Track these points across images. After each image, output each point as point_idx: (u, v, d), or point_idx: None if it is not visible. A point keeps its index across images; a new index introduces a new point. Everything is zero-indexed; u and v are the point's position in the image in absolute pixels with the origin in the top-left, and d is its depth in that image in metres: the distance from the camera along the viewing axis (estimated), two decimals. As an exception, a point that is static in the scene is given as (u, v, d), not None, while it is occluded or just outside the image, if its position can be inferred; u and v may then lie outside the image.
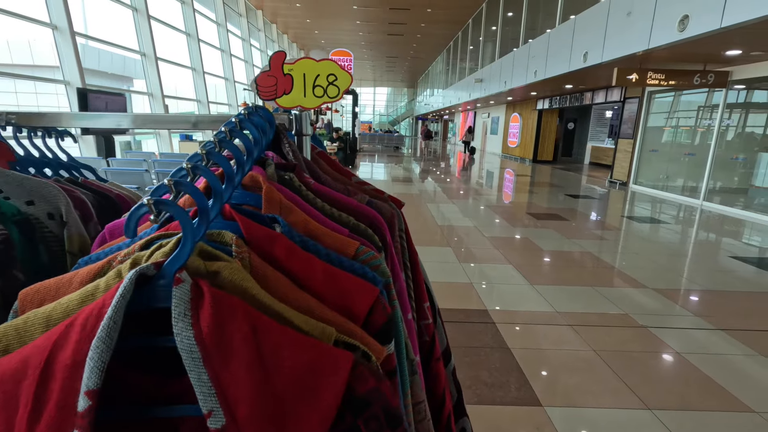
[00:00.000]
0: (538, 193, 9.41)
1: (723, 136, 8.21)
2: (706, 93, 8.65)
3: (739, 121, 8.20)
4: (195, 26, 12.83)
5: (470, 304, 3.30)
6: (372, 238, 0.52)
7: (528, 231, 5.79)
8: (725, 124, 8.20)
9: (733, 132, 8.24)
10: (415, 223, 6.09)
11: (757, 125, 8.04)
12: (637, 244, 5.42)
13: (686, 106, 9.40)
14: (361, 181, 0.78)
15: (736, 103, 8.15)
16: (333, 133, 12.88)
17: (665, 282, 3.96)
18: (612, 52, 7.64)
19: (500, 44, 15.52)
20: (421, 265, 0.84)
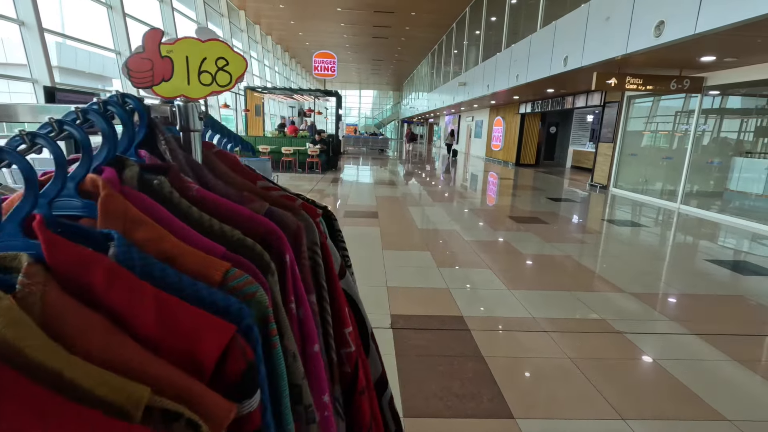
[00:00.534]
0: (520, 197, 9.43)
1: (699, 141, 8.36)
2: (683, 98, 8.81)
3: (714, 126, 8.37)
4: (174, 25, 12.56)
5: (446, 310, 3.22)
6: (260, 256, 0.43)
7: (508, 234, 5.75)
8: (701, 129, 8.35)
9: (708, 137, 8.39)
10: (396, 226, 6.00)
11: (732, 130, 8.22)
12: (615, 247, 5.43)
13: (664, 110, 9.56)
14: (271, 186, 0.68)
15: (711, 108, 8.31)
16: (315, 136, 12.73)
17: (642, 286, 3.95)
18: (591, 56, 7.71)
19: (483, 48, 15.62)
20: (350, 283, 0.74)
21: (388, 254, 4.57)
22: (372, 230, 5.64)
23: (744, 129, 8.01)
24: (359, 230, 5.70)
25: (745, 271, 4.57)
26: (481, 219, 6.76)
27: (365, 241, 5.10)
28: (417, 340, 2.73)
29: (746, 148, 7.78)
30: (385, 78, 43.34)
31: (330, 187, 9.67)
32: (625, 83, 7.94)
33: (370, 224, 6.03)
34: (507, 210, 7.74)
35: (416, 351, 2.60)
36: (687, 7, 5.27)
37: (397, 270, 4.09)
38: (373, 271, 4.00)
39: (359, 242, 5.09)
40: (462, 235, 5.58)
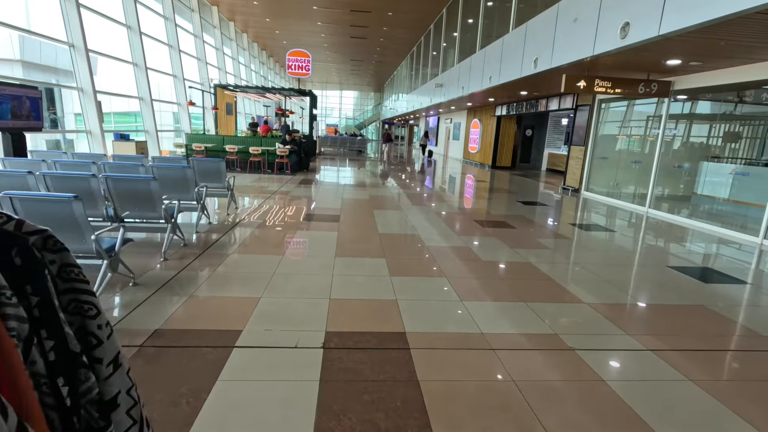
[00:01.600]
0: (492, 200, 9.29)
1: (668, 145, 8.36)
2: (652, 103, 8.81)
3: (682, 131, 8.38)
4: (137, 18, 12.00)
5: (389, 325, 2.96)
6: None
7: (472, 240, 5.54)
8: (669, 134, 8.35)
9: (676, 141, 8.40)
10: (355, 231, 5.72)
11: (699, 135, 8.24)
12: (580, 254, 5.28)
13: (634, 115, 9.57)
14: None
15: (678, 113, 8.32)
16: (286, 136, 12.36)
17: (601, 296, 3.77)
18: (560, 58, 7.60)
19: (459, 50, 15.52)
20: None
21: (340, 262, 4.29)
22: (329, 236, 5.35)
23: (710, 134, 8.04)
24: (316, 236, 5.40)
25: (708, 278, 4.46)
26: (447, 223, 6.55)
27: (319, 248, 4.80)
28: (348, 362, 2.46)
29: (713, 153, 7.80)
30: (366, 79, 43.07)
31: (296, 188, 9.33)
32: (593, 86, 7.87)
33: (329, 229, 5.73)
34: (476, 214, 7.55)
35: (344, 375, 2.32)
36: (651, 8, 5.17)
37: (346, 280, 3.81)
38: (319, 283, 3.71)
39: (312, 249, 4.79)
40: (423, 241, 5.34)
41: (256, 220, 6.07)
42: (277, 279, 3.73)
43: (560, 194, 10.95)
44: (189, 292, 3.33)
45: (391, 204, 7.99)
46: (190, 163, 6.06)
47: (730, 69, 6.84)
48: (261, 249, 4.70)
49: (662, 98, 8.24)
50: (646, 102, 9.05)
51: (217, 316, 2.95)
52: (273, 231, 5.53)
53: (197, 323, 2.84)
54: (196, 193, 5.09)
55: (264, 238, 5.15)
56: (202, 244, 4.68)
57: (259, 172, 11.80)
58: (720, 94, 7.48)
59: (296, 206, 7.26)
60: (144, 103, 12.56)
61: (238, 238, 5.01)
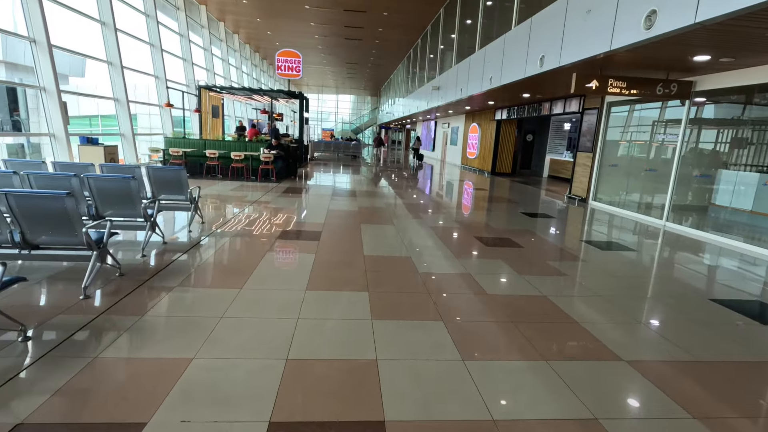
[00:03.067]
0: (493, 211, 8.45)
1: (687, 152, 7.57)
2: (668, 105, 8.03)
3: (704, 136, 7.59)
4: (111, 14, 11.17)
5: (362, 409, 2.10)
6: None
7: (473, 264, 4.70)
8: (690, 139, 7.56)
9: (698, 147, 7.61)
10: (336, 252, 4.87)
11: (724, 141, 7.45)
12: (601, 283, 4.44)
13: (647, 118, 8.78)
14: None
15: (700, 116, 7.54)
16: (273, 140, 11.52)
17: (642, 348, 2.94)
18: (570, 55, 6.81)
19: (457, 50, 14.76)
20: None
21: (312, 298, 3.44)
22: (304, 260, 4.50)
23: (738, 139, 7.25)
24: (289, 259, 4.55)
25: (762, 317, 3.63)
26: (444, 241, 5.71)
27: (288, 278, 3.95)
28: (292, 490, 1.60)
29: (740, 161, 7.01)
30: (362, 83, 42.40)
31: (278, 198, 8.46)
32: (607, 86, 7.08)
33: (306, 249, 4.88)
34: (476, 228, 6.71)
35: None
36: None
37: (313, 327, 2.96)
38: (277, 332, 2.86)
39: (280, 279, 3.93)
40: (416, 265, 4.49)
41: (221, 238, 5.21)
42: (224, 327, 2.87)
43: (566, 204, 10.14)
44: (93, 353, 2.47)
45: (381, 217, 7.15)
46: (148, 171, 5.22)
47: (761, 67, 6.07)
48: (216, 280, 3.83)
49: (682, 100, 7.46)
50: (661, 105, 8.28)
51: (119, 398, 2.09)
52: (237, 253, 4.68)
53: (83, 412, 1.98)
54: (143, 208, 4.23)
55: (223, 265, 4.29)
56: (142, 273, 3.81)
57: (242, 179, 10.94)
58: (750, 95, 6.69)
59: (273, 220, 6.40)
60: (119, 104, 11.70)
61: (190, 265, 4.14)
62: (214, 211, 7.03)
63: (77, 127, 19.09)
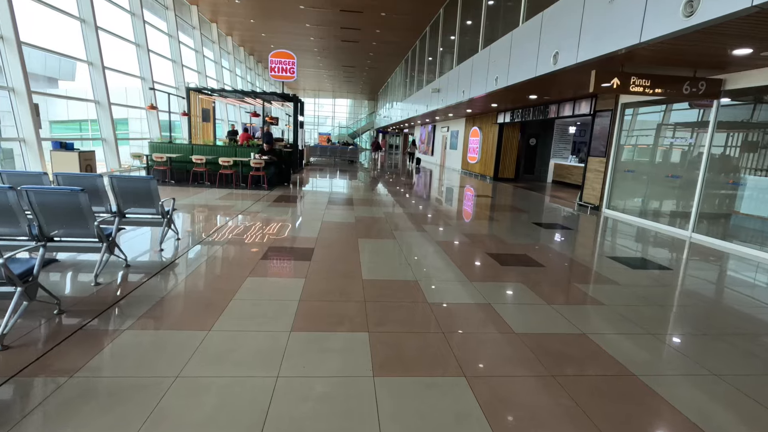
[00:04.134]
0: (502, 221, 7.77)
1: (715, 156, 6.92)
2: (692, 105, 7.40)
3: (735, 139, 6.94)
4: (92, 10, 10.48)
5: None
6: None
7: (490, 290, 4.00)
8: (718, 142, 6.91)
9: (728, 151, 6.95)
10: (330, 277, 4.15)
11: (760, 143, 6.79)
12: (647, 315, 3.74)
13: (669, 119, 8.14)
14: None
15: (731, 116, 6.90)
16: (264, 145, 10.81)
17: (736, 425, 2.24)
18: (589, 50, 6.16)
19: (458, 51, 14.14)
20: None
21: (298, 343, 2.73)
22: (291, 288, 3.78)
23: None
24: (272, 288, 3.83)
25: None
26: (453, 259, 5.01)
27: (270, 314, 3.23)
28: None
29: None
30: (359, 86, 41.84)
31: (268, 208, 7.75)
32: (629, 85, 6.43)
33: (294, 273, 4.17)
34: (487, 242, 6.02)
35: None
36: (740, -31, 3.72)
37: (298, 391, 2.24)
38: (249, 400, 2.14)
39: (259, 316, 3.20)
40: (424, 292, 3.78)
41: (194, 259, 4.49)
42: (177, 394, 2.16)
43: (577, 211, 9.48)
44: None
45: (381, 230, 6.45)
46: (112, 182, 4.50)
47: (806, 62, 5.44)
48: (180, 317, 3.11)
49: (710, 99, 6.83)
50: (683, 105, 7.65)
51: None
52: (212, 279, 3.96)
53: None
54: (96, 227, 3.52)
55: (193, 295, 3.57)
56: (88, 310, 3.09)
57: (231, 186, 10.22)
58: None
59: (259, 235, 5.69)
60: (100, 107, 10.98)
61: (152, 296, 3.42)
62: (192, 224, 6.30)
63: (68, 132, 18.07)
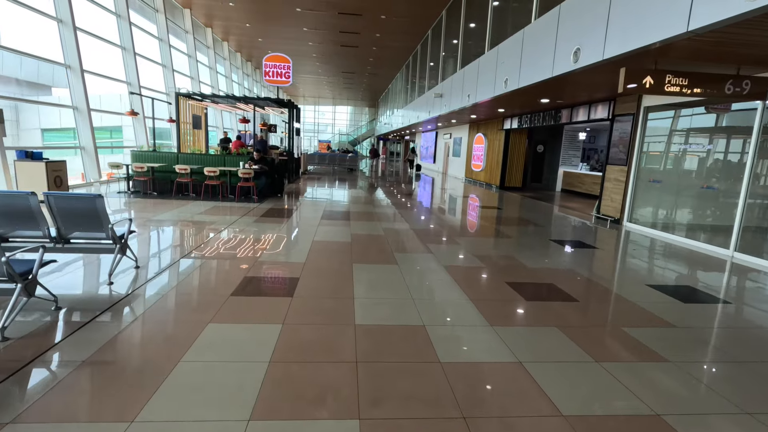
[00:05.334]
0: (515, 238, 6.91)
1: (761, 165, 6.09)
2: (706, 110, 6.58)
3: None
4: (70, 11, 9.75)
5: None
6: None
7: (517, 338, 3.14)
8: (765, 148, 6.08)
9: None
10: (315, 323, 3.28)
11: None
12: (725, 375, 2.88)
13: (699, 124, 7.32)
14: None
15: None
16: (254, 153, 10.01)
17: None
18: (619, 44, 5.36)
19: (462, 55, 13.39)
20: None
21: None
22: (264, 336, 2.93)
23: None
24: (240, 336, 2.97)
25: None
26: (467, 292, 4.15)
27: (224, 386, 2.36)
28: None
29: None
30: (360, 93, 41.25)
31: (253, 225, 6.91)
32: (664, 84, 5.61)
33: (270, 315, 3.32)
34: (505, 267, 5.17)
35: None
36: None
37: None
38: None
39: (210, 390, 2.33)
40: (435, 347, 2.93)
41: (148, 297, 3.64)
42: None
43: (594, 224, 8.62)
44: None
45: (380, 252, 5.60)
46: (49, 201, 3.67)
47: None
48: (99, 399, 2.25)
49: (755, 101, 6.01)
50: (698, 111, 6.84)
51: None
52: (159, 330, 3.11)
53: None
54: (4, 263, 2.68)
55: (129, 356, 2.71)
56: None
57: (218, 199, 9.40)
58: None
59: (236, 261, 4.84)
60: (79, 113, 10.21)
61: (71, 360, 2.57)
62: (159, 246, 5.46)
63: (61, 140, 17.16)
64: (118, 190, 9.81)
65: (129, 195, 9.39)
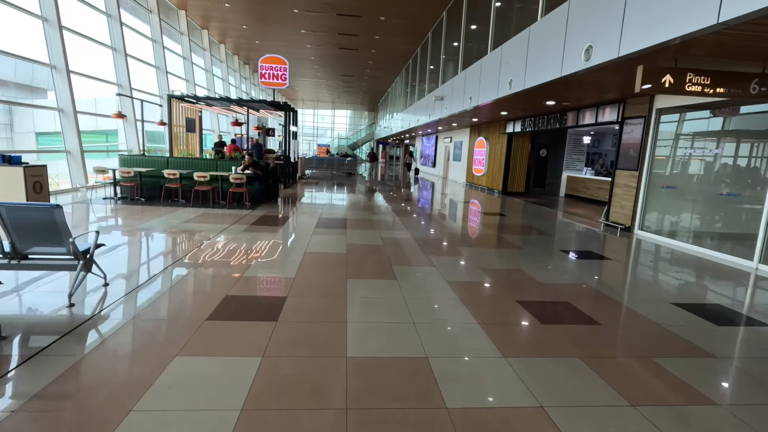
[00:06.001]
0: (522, 248, 6.47)
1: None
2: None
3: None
4: (56, 9, 9.36)
5: None
6: None
7: (536, 373, 2.69)
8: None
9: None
10: (302, 360, 2.84)
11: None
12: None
13: (717, 128, 6.90)
14: None
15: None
16: (246, 157, 9.58)
17: None
18: (637, 39, 4.94)
19: (464, 57, 13.01)
20: None
21: None
22: (239, 373, 2.48)
23: None
24: (210, 373, 2.51)
25: None
26: (475, 314, 3.71)
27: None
28: None
29: None
30: (359, 97, 40.94)
31: (243, 234, 6.47)
32: (685, 84, 5.19)
33: (249, 345, 2.87)
34: (512, 282, 4.72)
35: None
36: None
37: None
38: None
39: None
40: (440, 388, 2.48)
41: (112, 323, 3.19)
42: None
43: (604, 232, 8.19)
44: None
45: (378, 264, 5.16)
46: (0, 211, 3.23)
47: None
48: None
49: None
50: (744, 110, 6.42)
51: None
52: (116, 366, 2.66)
53: None
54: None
55: (65, 410, 2.26)
56: None
57: (209, 205, 8.96)
58: None
59: (218, 276, 4.40)
60: (65, 115, 9.80)
61: (3, 409, 2.13)
62: (136, 260, 5.01)
63: (56, 144, 16.80)
64: (104, 196, 9.37)
65: (116, 201, 8.96)
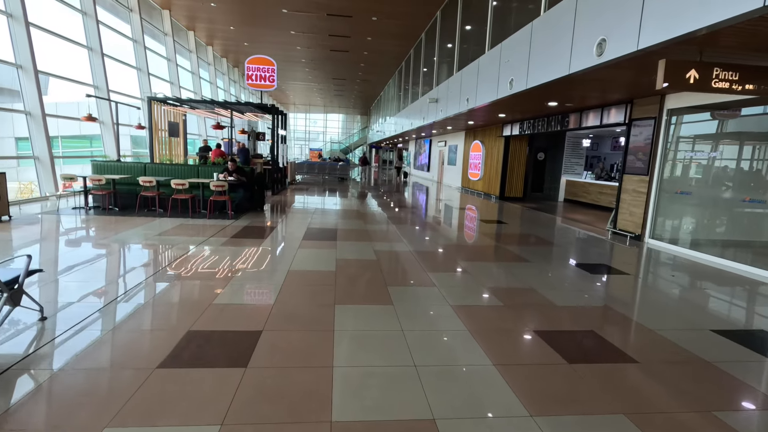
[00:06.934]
0: (531, 262, 5.88)
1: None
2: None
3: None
4: (22, 4, 8.67)
5: None
6: None
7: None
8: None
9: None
10: (272, 428, 2.22)
11: None
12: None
13: (738, 127, 6.42)
14: None
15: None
16: (229, 163, 8.92)
17: None
18: (659, 32, 4.42)
19: (459, 58, 12.50)
20: None
21: None
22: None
23: None
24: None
25: None
26: (486, 350, 3.11)
27: None
28: None
29: None
30: (351, 101, 40.42)
31: (221, 248, 5.81)
32: (711, 79, 4.67)
33: (205, 406, 2.24)
34: (527, 306, 4.13)
35: None
36: None
37: None
38: None
39: None
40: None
41: (37, 373, 2.54)
42: None
43: (611, 241, 7.66)
44: None
45: (371, 284, 4.54)
46: None
47: None
48: None
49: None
50: (756, 111, 5.94)
51: None
52: (44, 428, 2.01)
53: None
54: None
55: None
56: None
57: (187, 215, 8.28)
58: None
59: (183, 305, 3.75)
60: (32, 119, 9.08)
61: None
62: (85, 284, 4.34)
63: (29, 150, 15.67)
64: (74, 206, 8.65)
65: (86, 211, 8.25)
